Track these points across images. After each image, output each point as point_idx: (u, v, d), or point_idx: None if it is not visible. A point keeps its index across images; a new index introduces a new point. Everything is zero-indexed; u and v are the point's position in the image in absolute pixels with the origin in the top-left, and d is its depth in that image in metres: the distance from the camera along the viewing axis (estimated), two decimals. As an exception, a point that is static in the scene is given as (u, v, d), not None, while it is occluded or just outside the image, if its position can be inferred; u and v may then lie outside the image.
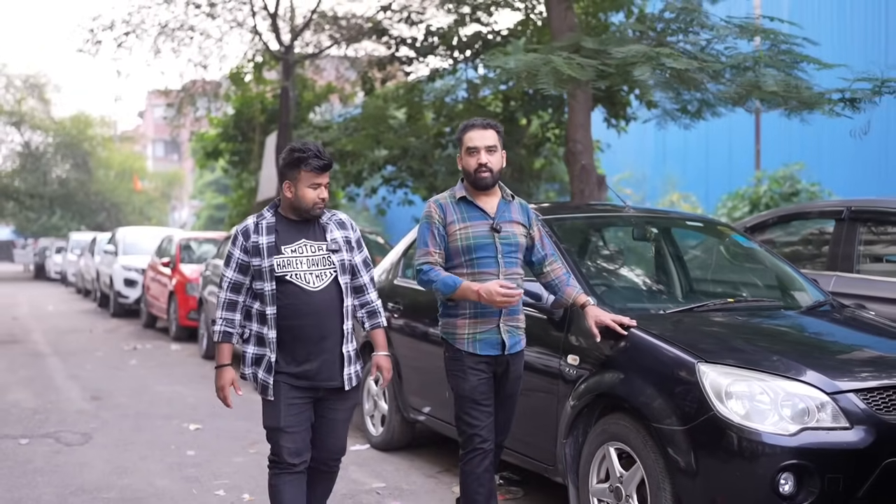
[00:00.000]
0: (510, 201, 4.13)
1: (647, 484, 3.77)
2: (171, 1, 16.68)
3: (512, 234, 4.04)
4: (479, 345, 3.99)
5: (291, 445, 3.77)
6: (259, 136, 19.44)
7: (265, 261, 3.73)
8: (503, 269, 3.99)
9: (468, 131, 4.08)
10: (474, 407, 3.99)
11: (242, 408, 7.75)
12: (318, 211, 3.79)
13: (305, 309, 3.74)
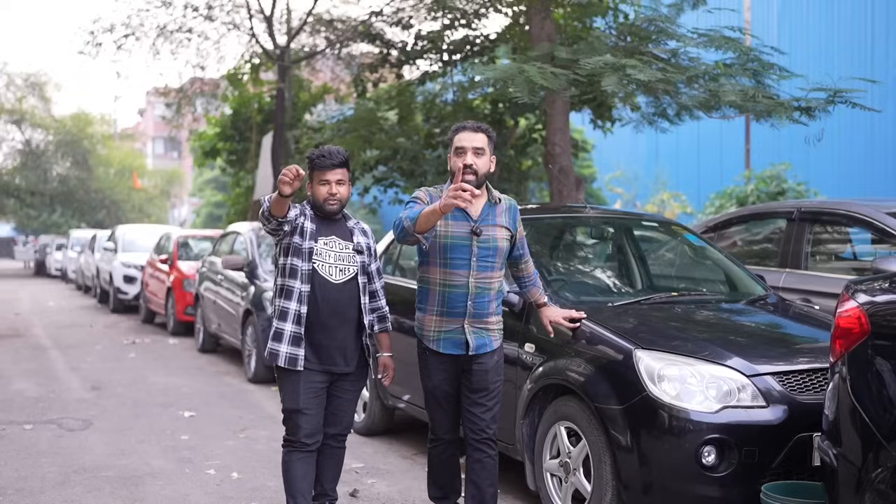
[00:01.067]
0: (496, 203, 4.14)
1: (591, 459, 4.20)
2: (169, 4, 17.10)
3: (492, 238, 4.07)
4: (443, 343, 4.09)
5: (308, 426, 4.07)
6: (256, 136, 19.83)
7: (306, 243, 4.07)
8: (475, 272, 4.03)
9: (459, 132, 4.13)
10: (436, 404, 4.23)
11: (234, 397, 8.25)
12: (330, 206, 4.13)
13: (325, 298, 4.07)
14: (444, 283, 4.05)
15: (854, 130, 18.88)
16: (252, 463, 5.87)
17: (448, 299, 4.05)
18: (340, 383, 4.20)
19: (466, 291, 4.02)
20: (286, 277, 4.09)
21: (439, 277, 4.06)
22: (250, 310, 9.20)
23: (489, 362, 4.10)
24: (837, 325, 3.29)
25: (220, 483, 5.40)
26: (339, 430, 4.28)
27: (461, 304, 4.03)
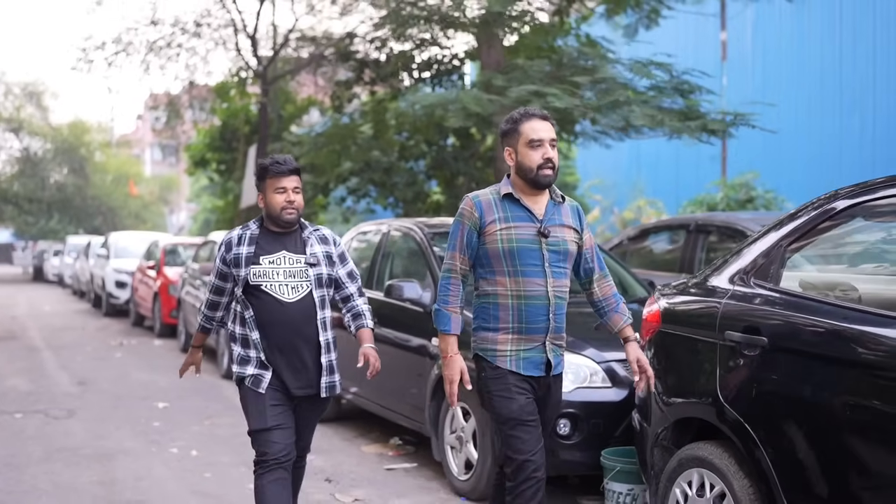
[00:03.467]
0: (560, 203, 3.70)
1: (477, 433, 5.09)
2: (158, 22, 18.03)
3: (561, 241, 3.62)
4: (524, 364, 3.60)
5: (279, 441, 3.82)
6: (243, 147, 20.74)
7: (242, 270, 3.85)
8: (551, 279, 3.58)
9: (529, 121, 3.64)
10: (525, 430, 3.55)
11: (206, 391, 9.13)
12: (288, 216, 3.87)
13: (280, 318, 3.83)
14: (518, 296, 3.56)
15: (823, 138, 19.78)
16: (211, 444, 6.75)
17: (527, 314, 3.56)
18: (302, 407, 3.99)
19: (547, 303, 3.56)
20: (240, 306, 3.94)
21: (512, 290, 3.57)
22: (223, 312, 10.09)
23: (560, 392, 3.81)
24: (644, 320, 4.18)
25: (180, 459, 6.28)
26: (298, 451, 4.05)
27: (542, 319, 3.57)
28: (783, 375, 3.29)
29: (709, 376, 3.60)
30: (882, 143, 18.97)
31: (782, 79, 21.71)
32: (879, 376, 2.94)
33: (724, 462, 3.50)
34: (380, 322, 6.39)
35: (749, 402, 3.41)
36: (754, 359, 3.40)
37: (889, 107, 19.05)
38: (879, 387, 2.94)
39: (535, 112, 3.68)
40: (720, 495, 3.52)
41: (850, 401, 3.02)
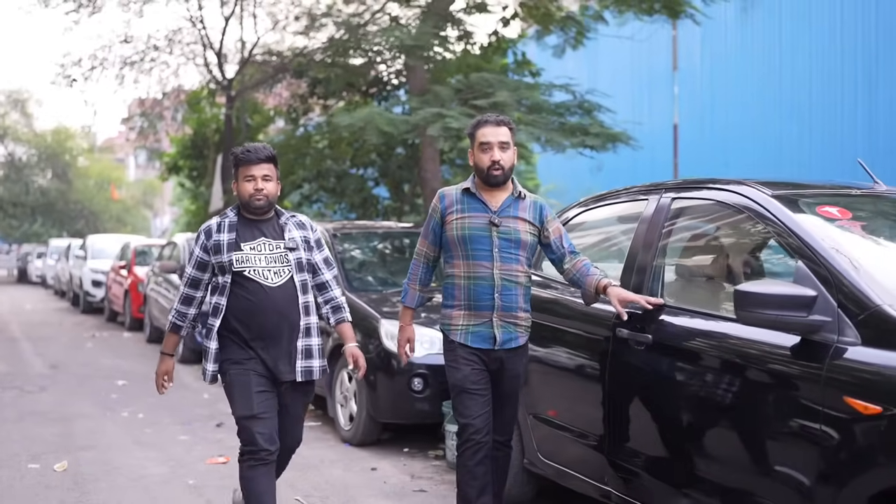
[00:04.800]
0: (520, 199, 4.06)
1: (357, 392, 6.47)
2: (131, 40, 19.36)
3: (513, 230, 3.97)
4: (472, 337, 3.99)
5: (265, 431, 3.89)
6: (213, 154, 22.06)
7: (224, 256, 3.91)
8: (498, 263, 3.95)
9: (481, 127, 4.05)
10: (468, 398, 3.96)
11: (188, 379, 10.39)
12: (257, 202, 3.95)
13: (265, 303, 3.90)
14: (468, 276, 3.99)
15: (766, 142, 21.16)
16: (157, 410, 8.08)
17: (474, 293, 3.98)
18: (289, 393, 4.05)
19: (492, 284, 3.95)
20: (213, 294, 4.03)
21: (463, 271, 4.00)
22: (179, 305, 11.43)
23: (519, 367, 4.11)
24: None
25: (128, 420, 7.63)
26: (289, 443, 4.18)
27: (487, 297, 3.96)
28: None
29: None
30: (818, 148, 20.41)
31: (728, 87, 23.19)
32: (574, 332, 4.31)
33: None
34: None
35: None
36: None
37: (823, 113, 20.48)
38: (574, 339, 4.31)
39: (490, 118, 4.08)
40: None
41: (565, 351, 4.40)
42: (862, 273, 3.03)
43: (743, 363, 3.29)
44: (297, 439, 4.24)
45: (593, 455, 4.07)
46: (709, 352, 3.48)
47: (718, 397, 3.40)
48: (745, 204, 3.58)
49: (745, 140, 22.18)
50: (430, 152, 11.53)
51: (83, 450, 6.42)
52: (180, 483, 5.55)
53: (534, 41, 15.03)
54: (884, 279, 3.01)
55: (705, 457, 3.48)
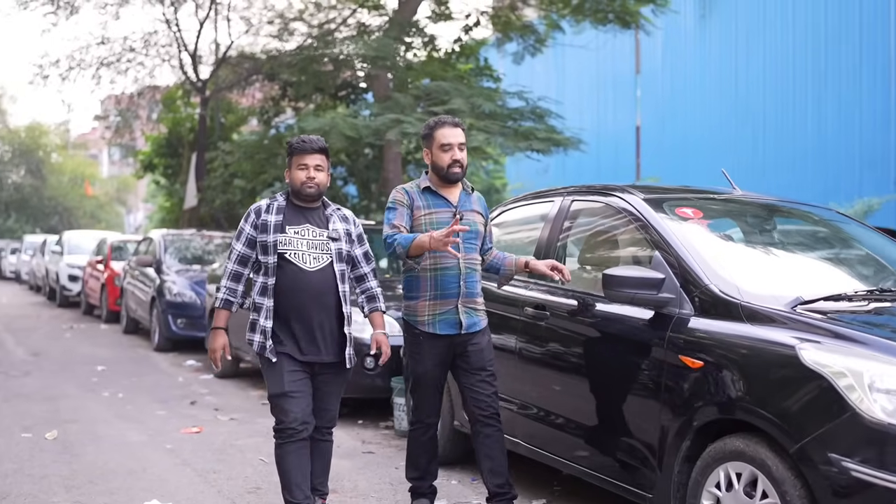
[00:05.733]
0: (470, 193, 4.43)
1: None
2: (108, 41, 19.99)
3: (472, 223, 4.30)
4: (439, 325, 4.25)
5: (297, 410, 4.06)
6: (188, 153, 22.70)
7: (270, 236, 4.09)
8: (463, 253, 4.22)
9: (441, 128, 4.31)
10: (426, 387, 4.37)
11: (139, 360, 11.18)
12: (308, 190, 4.14)
13: (301, 286, 4.07)
14: (435, 268, 4.24)
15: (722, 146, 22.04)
16: (135, 391, 8.82)
17: (441, 282, 4.23)
18: (323, 375, 4.21)
19: (458, 273, 4.24)
20: (258, 274, 4.19)
21: (430, 263, 4.23)
22: (155, 296, 12.15)
23: (483, 341, 4.36)
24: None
25: (109, 399, 8.36)
26: (324, 422, 4.29)
27: (454, 286, 4.23)
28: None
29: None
30: (771, 153, 21.37)
31: (688, 90, 24.11)
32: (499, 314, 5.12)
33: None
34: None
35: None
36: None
37: (776, 119, 21.43)
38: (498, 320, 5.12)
39: (447, 120, 4.37)
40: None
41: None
42: (698, 259, 3.86)
43: (614, 332, 4.12)
44: (332, 417, 4.33)
45: (508, 413, 4.88)
46: (591, 324, 4.30)
47: (597, 359, 4.24)
48: (624, 206, 4.41)
49: (703, 141, 23.10)
50: (392, 154, 12.31)
51: (69, 423, 7.14)
52: (158, 447, 6.30)
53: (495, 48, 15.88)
54: (714, 264, 3.85)
55: (587, 405, 4.30)
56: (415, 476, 4.53)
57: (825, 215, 4.95)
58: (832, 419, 3.11)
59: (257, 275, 4.19)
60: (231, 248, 4.24)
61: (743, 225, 4.55)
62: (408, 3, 12.96)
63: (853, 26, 19.48)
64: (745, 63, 22.42)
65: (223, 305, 4.25)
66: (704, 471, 3.55)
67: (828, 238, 4.68)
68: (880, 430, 3.01)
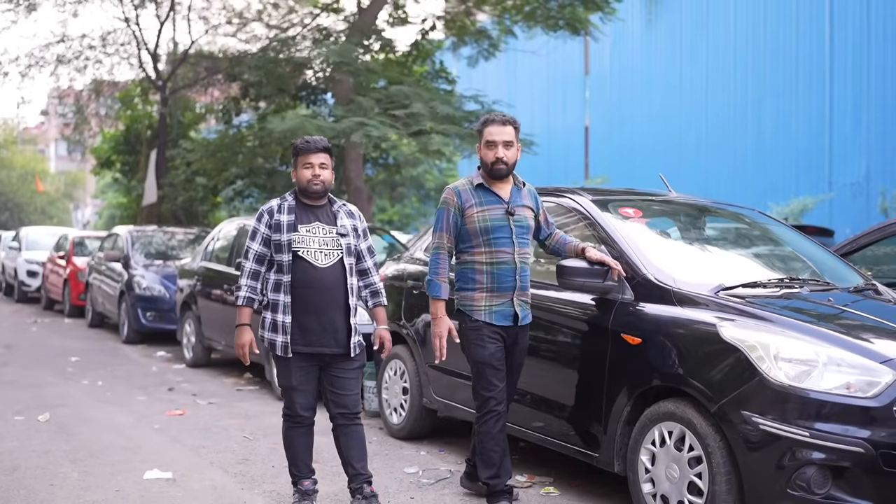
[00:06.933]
0: (521, 188, 4.55)
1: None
2: (67, 39, 20.23)
3: (524, 217, 4.45)
4: (496, 316, 4.41)
5: (303, 400, 4.41)
6: (146, 150, 22.97)
7: (284, 236, 4.28)
8: (517, 248, 4.41)
9: (488, 126, 4.46)
10: (492, 373, 4.42)
11: (110, 352, 11.62)
12: (315, 187, 4.35)
13: (313, 282, 4.27)
14: (491, 262, 4.41)
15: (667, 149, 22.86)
16: (112, 379, 9.28)
17: (498, 276, 4.40)
18: (338, 364, 4.40)
19: (514, 267, 4.40)
20: (274, 272, 4.38)
21: (486, 258, 4.41)
22: (124, 290, 12.57)
23: (526, 339, 4.60)
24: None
25: (90, 386, 8.81)
26: (348, 410, 4.47)
27: (510, 280, 4.41)
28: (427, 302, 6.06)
29: (397, 306, 6.36)
30: (714, 154, 22.24)
31: (635, 91, 24.95)
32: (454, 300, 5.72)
33: (407, 354, 6.26)
34: (233, 290, 9.07)
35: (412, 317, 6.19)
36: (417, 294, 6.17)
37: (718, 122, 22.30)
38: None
39: (495, 118, 4.48)
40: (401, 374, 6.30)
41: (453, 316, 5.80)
42: (638, 253, 4.53)
43: (567, 315, 4.76)
44: (354, 402, 4.48)
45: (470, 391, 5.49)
46: (549, 308, 4.93)
47: (553, 339, 4.87)
48: (574, 206, 5.06)
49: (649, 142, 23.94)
50: (353, 154, 12.88)
51: (58, 407, 7.61)
52: (147, 427, 6.81)
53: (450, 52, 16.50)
54: (651, 257, 4.52)
55: (542, 380, 4.93)
56: (490, 475, 4.47)
57: (749, 215, 5.66)
58: (745, 383, 3.78)
59: (270, 272, 4.39)
60: (247, 247, 4.42)
61: (677, 223, 5.23)
62: (369, 9, 13.51)
63: (790, 34, 20.43)
64: (689, 68, 23.29)
65: (246, 303, 4.42)
66: (642, 431, 4.22)
67: (750, 235, 5.37)
68: (783, 391, 3.68)
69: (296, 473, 4.61)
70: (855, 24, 19.16)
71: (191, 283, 10.24)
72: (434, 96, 12.19)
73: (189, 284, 10.28)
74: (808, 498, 3.61)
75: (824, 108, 19.79)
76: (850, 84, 19.18)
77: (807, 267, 5.08)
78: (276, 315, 4.35)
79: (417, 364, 6.15)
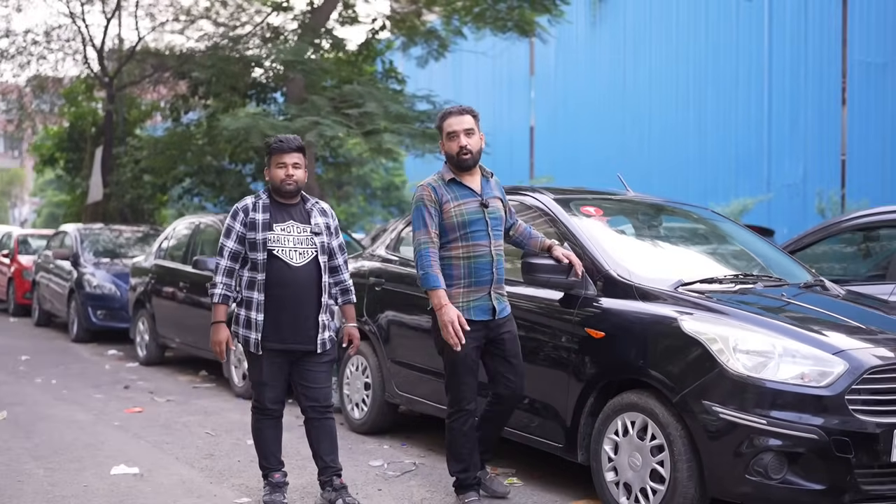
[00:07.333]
0: (489, 179, 4.56)
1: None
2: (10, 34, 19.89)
3: (496, 209, 4.47)
4: (474, 311, 4.40)
5: (272, 395, 4.49)
6: (90, 147, 22.64)
7: (259, 234, 4.32)
8: (493, 241, 4.42)
9: (447, 118, 4.48)
10: (465, 371, 4.43)
11: (60, 351, 11.51)
12: (288, 187, 4.39)
13: (287, 281, 4.32)
14: (468, 256, 4.39)
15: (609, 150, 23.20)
16: (66, 377, 9.22)
17: (475, 270, 4.38)
18: (309, 358, 4.46)
19: (490, 260, 4.40)
20: (248, 269, 4.42)
21: (463, 252, 4.40)
22: (73, 289, 12.45)
23: (513, 328, 4.55)
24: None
25: (44, 384, 8.75)
26: (319, 403, 4.53)
27: (487, 273, 4.40)
28: (391, 298, 6.18)
29: (359, 302, 6.45)
30: (656, 155, 22.66)
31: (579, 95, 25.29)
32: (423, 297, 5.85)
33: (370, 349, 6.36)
34: (190, 287, 9.09)
35: (375, 314, 6.29)
36: (379, 291, 6.28)
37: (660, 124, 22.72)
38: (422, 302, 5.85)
39: (452, 110, 4.52)
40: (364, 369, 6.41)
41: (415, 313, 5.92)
42: (600, 250, 4.70)
43: (534, 310, 4.91)
44: (325, 396, 4.55)
45: (435, 384, 5.61)
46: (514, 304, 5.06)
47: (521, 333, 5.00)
48: (536, 204, 5.21)
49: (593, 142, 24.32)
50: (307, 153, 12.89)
51: (13, 405, 7.55)
52: (108, 424, 6.81)
53: (400, 52, 16.58)
54: (613, 253, 4.69)
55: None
56: (459, 469, 4.56)
57: (703, 214, 5.88)
58: (706, 374, 3.96)
59: (244, 270, 4.44)
60: (221, 245, 4.45)
61: (635, 221, 5.42)
62: (321, 8, 13.55)
63: (731, 38, 20.91)
64: (633, 69, 23.71)
65: (222, 300, 4.43)
66: (605, 421, 4.38)
67: (704, 233, 5.58)
68: (741, 381, 3.87)
69: (266, 466, 4.69)
70: (793, 29, 19.69)
71: (144, 281, 10.21)
72: (386, 96, 12.28)
73: (142, 282, 10.24)
74: (765, 483, 3.81)
75: (763, 112, 20.31)
76: (788, 88, 19.72)
77: (758, 264, 5.29)
78: (249, 312, 4.41)
79: (380, 360, 6.25)
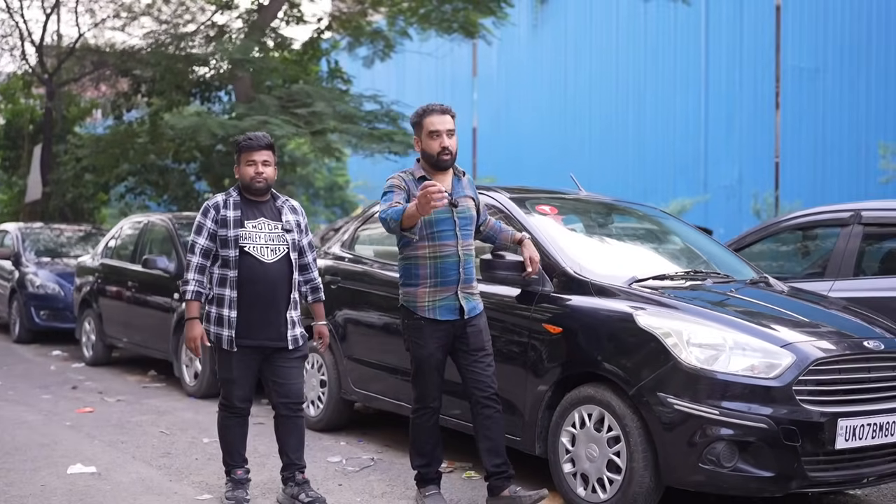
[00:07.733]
0: (461, 178, 4.51)
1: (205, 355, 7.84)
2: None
3: (467, 209, 4.41)
4: (439, 311, 4.33)
5: (240, 392, 4.49)
6: (28, 145, 22.21)
7: (231, 231, 4.34)
8: (461, 241, 4.35)
9: (429, 116, 4.38)
10: (429, 371, 4.41)
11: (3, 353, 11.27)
12: (257, 184, 4.41)
13: (259, 278, 4.34)
14: (434, 256, 4.32)
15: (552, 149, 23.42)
16: (11, 378, 9.08)
17: (441, 270, 4.31)
18: (280, 355, 4.48)
19: (457, 260, 4.32)
20: (219, 267, 4.43)
21: (429, 252, 4.32)
22: (15, 289, 12.25)
23: (480, 323, 4.45)
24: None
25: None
26: (291, 400, 4.53)
27: (453, 273, 4.32)
28: (347, 296, 6.23)
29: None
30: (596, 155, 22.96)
31: (522, 93, 25.53)
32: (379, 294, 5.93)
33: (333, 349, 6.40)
34: (139, 287, 9.04)
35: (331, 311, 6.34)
36: (335, 289, 6.33)
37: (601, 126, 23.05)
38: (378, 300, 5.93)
39: (435, 108, 4.41)
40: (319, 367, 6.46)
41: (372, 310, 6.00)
42: (556, 247, 4.82)
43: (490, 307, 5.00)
44: (297, 392, 4.57)
45: (391, 381, 5.69)
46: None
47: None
48: (492, 203, 5.30)
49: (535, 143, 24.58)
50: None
51: (-42, 407, 7.47)
52: (59, 425, 6.75)
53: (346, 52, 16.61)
54: (569, 251, 4.83)
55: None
56: (422, 463, 4.57)
57: (651, 213, 6.05)
58: (660, 367, 4.11)
59: (214, 267, 4.45)
60: (193, 242, 4.44)
61: (588, 220, 5.57)
62: (268, 8, 13.52)
63: (669, 43, 21.34)
64: (574, 71, 24.02)
65: (195, 297, 4.43)
66: (563, 414, 4.51)
67: (654, 231, 5.76)
68: (694, 373, 4.03)
69: (230, 462, 4.72)
70: (729, 35, 20.16)
71: (90, 280, 10.10)
72: (333, 95, 12.31)
73: (89, 282, 10.13)
74: (718, 471, 3.97)
75: (700, 114, 20.75)
76: (725, 92, 20.18)
77: (706, 261, 5.48)
78: (221, 309, 4.43)
79: (336, 357, 6.31)
